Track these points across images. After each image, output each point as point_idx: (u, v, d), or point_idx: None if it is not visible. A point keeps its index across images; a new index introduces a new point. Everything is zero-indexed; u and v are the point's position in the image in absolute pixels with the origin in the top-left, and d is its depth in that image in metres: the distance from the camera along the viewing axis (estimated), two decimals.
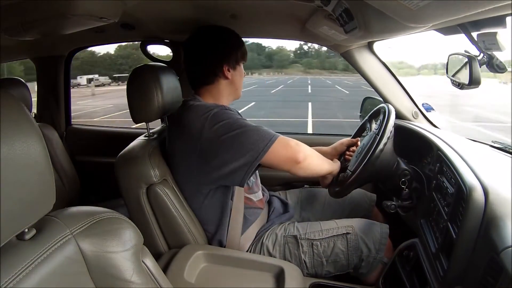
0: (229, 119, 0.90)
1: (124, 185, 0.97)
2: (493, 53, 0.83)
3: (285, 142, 0.90)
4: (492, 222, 0.63)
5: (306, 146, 0.94)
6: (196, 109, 0.94)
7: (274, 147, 0.87)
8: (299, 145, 0.92)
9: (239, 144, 0.87)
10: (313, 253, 0.97)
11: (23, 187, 0.40)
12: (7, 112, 0.39)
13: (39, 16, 0.91)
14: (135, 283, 0.52)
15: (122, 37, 1.56)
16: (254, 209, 1.06)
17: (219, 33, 1.07)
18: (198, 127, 0.90)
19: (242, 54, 1.08)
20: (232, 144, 0.87)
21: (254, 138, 0.87)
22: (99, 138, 1.80)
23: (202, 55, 1.04)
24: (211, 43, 1.04)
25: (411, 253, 0.87)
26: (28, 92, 1.48)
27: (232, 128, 0.88)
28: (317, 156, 0.97)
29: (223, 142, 0.87)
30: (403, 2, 0.57)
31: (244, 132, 0.87)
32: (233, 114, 0.93)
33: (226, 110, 0.93)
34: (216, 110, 0.91)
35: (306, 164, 0.91)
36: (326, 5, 0.86)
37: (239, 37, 1.09)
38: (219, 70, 1.03)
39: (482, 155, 0.95)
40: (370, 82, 1.34)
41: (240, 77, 1.08)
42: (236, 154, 0.87)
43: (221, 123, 0.88)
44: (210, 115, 0.90)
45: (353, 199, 1.20)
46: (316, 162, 0.96)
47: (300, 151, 0.90)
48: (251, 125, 0.90)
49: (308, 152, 0.93)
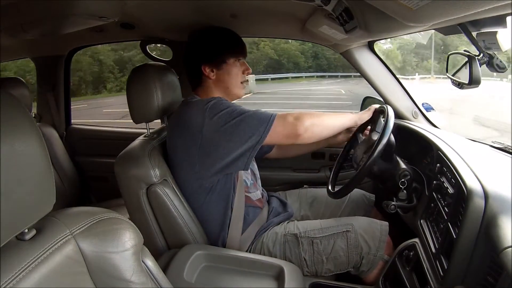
0: (228, 107, 0.92)
1: (124, 185, 0.97)
2: (493, 52, 0.83)
3: (283, 119, 0.92)
4: (492, 222, 0.63)
5: (308, 114, 0.93)
6: (194, 103, 0.96)
7: (274, 128, 0.91)
8: (298, 118, 0.92)
9: (241, 131, 0.90)
10: (313, 250, 0.97)
11: (23, 187, 0.40)
12: (7, 112, 0.39)
13: (39, 16, 0.92)
14: (135, 283, 0.52)
15: (122, 36, 1.56)
16: (253, 208, 1.06)
17: (200, 35, 1.07)
18: (199, 120, 0.92)
19: (231, 51, 1.05)
20: (233, 132, 0.90)
21: (254, 123, 0.90)
22: (99, 138, 1.80)
23: (185, 58, 1.08)
24: (190, 46, 1.08)
25: (411, 253, 0.87)
26: (28, 92, 1.48)
27: (232, 116, 0.90)
28: (322, 120, 0.96)
29: (225, 132, 0.90)
30: (403, 2, 0.57)
31: (244, 119, 0.90)
32: (230, 102, 0.95)
33: (223, 100, 0.95)
34: (214, 101, 0.93)
35: (310, 134, 0.93)
36: (326, 5, 0.86)
37: (227, 35, 1.07)
38: (199, 71, 1.04)
39: (482, 155, 0.95)
40: (370, 82, 1.34)
41: (230, 75, 1.05)
42: (239, 141, 0.90)
43: (221, 113, 0.91)
44: (208, 107, 0.92)
45: (352, 199, 1.20)
46: (321, 128, 0.96)
47: (299, 124, 0.91)
48: (249, 110, 0.92)
49: (308, 122, 0.92)
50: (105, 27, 1.36)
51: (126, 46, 12.12)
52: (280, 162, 1.59)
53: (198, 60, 1.04)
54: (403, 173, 0.96)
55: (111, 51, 13.82)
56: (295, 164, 1.59)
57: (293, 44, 17.12)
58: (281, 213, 1.13)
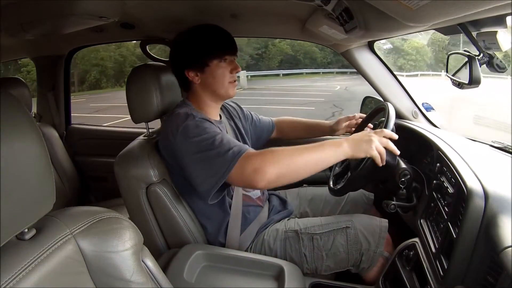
0: (197, 136, 0.87)
1: (123, 185, 0.97)
2: (493, 52, 0.83)
3: (241, 168, 0.82)
4: (492, 222, 0.63)
5: (273, 164, 0.80)
6: (173, 119, 0.94)
7: (233, 172, 0.83)
8: (258, 171, 0.80)
9: (203, 169, 0.86)
10: (313, 246, 0.98)
11: (23, 187, 0.40)
12: (7, 112, 0.39)
13: (39, 15, 0.92)
14: (135, 283, 0.52)
15: (122, 36, 1.56)
16: (253, 207, 1.07)
17: (180, 38, 1.03)
18: (171, 140, 0.91)
19: (213, 53, 0.98)
20: (197, 167, 0.87)
21: (217, 163, 0.84)
22: (99, 138, 1.80)
23: (171, 64, 1.06)
24: (172, 51, 1.05)
25: (411, 253, 0.87)
26: (28, 92, 1.48)
27: (199, 148, 0.86)
28: (295, 165, 0.82)
29: (191, 160, 0.88)
30: (403, 2, 0.57)
31: (209, 157, 0.85)
32: (204, 128, 0.89)
33: (199, 124, 0.90)
34: (188, 124, 0.89)
35: (274, 185, 0.83)
36: (326, 5, 0.86)
37: (207, 35, 1.00)
38: (184, 77, 1.01)
39: (482, 155, 0.95)
40: (370, 82, 1.34)
41: (215, 78, 0.99)
42: (200, 176, 0.87)
43: (191, 140, 0.87)
44: (181, 129, 0.89)
45: (351, 198, 1.21)
46: (292, 177, 0.84)
47: (258, 179, 0.80)
48: (218, 145, 0.85)
49: (272, 175, 0.80)
50: (105, 27, 1.36)
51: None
52: None
53: (181, 66, 1.01)
54: (403, 172, 0.96)
55: (136, 47, 14.25)
56: None
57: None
58: (281, 210, 1.14)
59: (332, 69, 18.25)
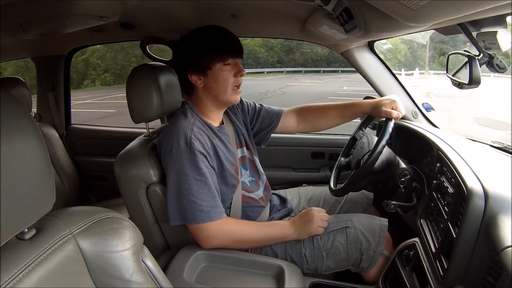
0: (185, 173, 0.89)
1: (123, 184, 0.97)
2: (493, 52, 0.83)
3: (202, 227, 0.90)
4: (492, 222, 0.63)
5: (226, 237, 0.93)
6: (174, 133, 0.93)
7: (193, 226, 0.91)
8: (209, 238, 0.92)
9: (177, 204, 0.90)
10: (314, 246, 0.98)
11: (23, 186, 0.40)
12: (7, 112, 0.39)
13: (39, 15, 0.92)
14: (135, 283, 0.52)
15: (122, 36, 1.56)
16: (256, 208, 1.07)
17: (183, 40, 1.01)
18: (163, 155, 0.94)
19: (216, 55, 0.95)
20: (172, 197, 0.91)
21: (189, 210, 0.89)
22: (99, 138, 1.80)
23: (174, 67, 1.06)
24: (175, 54, 1.05)
25: (411, 253, 0.87)
26: (28, 92, 1.48)
27: (181, 186, 0.89)
28: (242, 240, 0.96)
29: (170, 189, 0.91)
30: (403, 2, 0.57)
31: (185, 200, 0.89)
32: (195, 168, 0.89)
33: (192, 158, 0.89)
34: (183, 150, 0.90)
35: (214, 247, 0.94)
36: (326, 5, 0.86)
37: (210, 36, 0.97)
38: (187, 81, 0.99)
39: (482, 155, 0.95)
40: (370, 82, 1.34)
41: (217, 82, 0.96)
42: (172, 207, 0.91)
43: (177, 173, 0.90)
44: (173, 151, 0.90)
45: (351, 197, 1.21)
46: (237, 246, 0.96)
47: (206, 244, 0.93)
48: (196, 195, 0.89)
49: (220, 244, 0.93)
50: (105, 27, 1.36)
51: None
52: (280, 162, 1.59)
53: (183, 69, 0.99)
54: (403, 172, 0.96)
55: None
56: (295, 163, 1.59)
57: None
58: (281, 209, 1.15)
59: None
